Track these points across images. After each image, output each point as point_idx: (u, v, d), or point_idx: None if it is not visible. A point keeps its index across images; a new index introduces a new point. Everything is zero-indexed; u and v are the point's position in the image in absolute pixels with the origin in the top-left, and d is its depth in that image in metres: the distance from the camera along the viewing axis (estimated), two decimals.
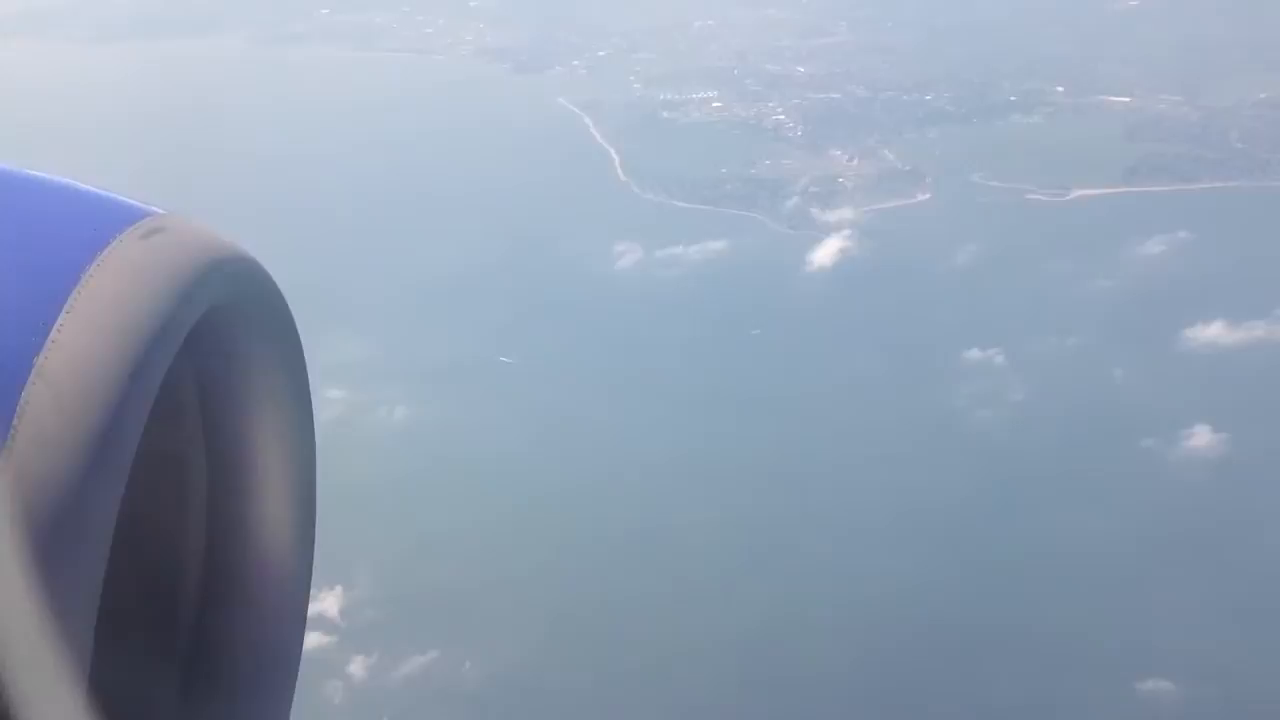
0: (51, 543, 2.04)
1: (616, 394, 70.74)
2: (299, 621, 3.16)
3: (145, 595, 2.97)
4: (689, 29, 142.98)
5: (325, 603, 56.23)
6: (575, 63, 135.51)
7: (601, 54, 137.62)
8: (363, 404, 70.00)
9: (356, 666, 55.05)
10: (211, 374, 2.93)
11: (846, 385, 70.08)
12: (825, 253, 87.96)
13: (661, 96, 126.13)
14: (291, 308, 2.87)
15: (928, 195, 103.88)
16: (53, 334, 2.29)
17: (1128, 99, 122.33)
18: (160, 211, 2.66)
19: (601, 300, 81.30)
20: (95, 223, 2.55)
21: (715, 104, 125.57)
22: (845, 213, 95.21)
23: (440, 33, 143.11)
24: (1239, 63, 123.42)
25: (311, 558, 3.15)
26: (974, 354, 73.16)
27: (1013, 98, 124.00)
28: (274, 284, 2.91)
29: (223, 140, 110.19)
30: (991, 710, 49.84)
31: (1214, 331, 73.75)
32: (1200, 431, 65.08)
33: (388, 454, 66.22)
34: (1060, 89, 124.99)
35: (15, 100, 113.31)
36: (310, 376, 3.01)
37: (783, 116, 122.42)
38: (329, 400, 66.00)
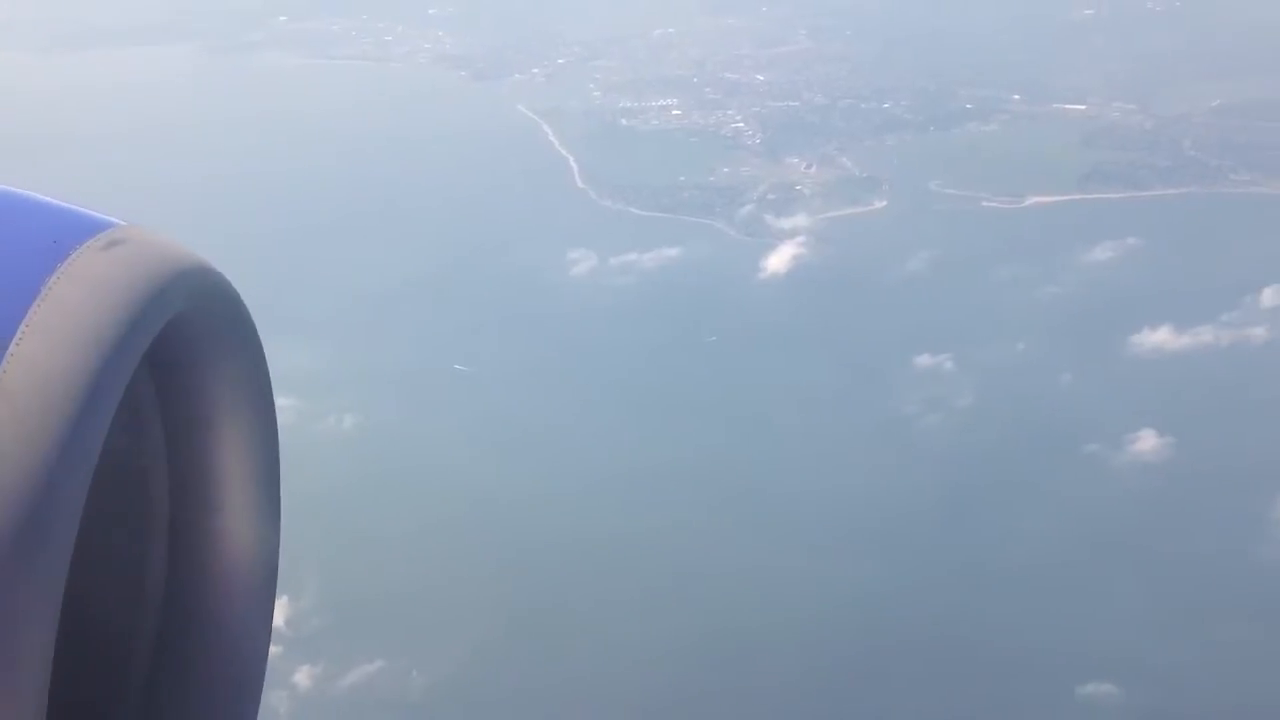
0: (11, 557, 2.00)
1: (568, 401, 70.71)
2: (264, 634, 3.12)
3: (107, 608, 2.93)
4: (648, 37, 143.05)
5: None
6: (534, 70, 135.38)
7: (561, 62, 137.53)
8: (312, 412, 69.63)
9: (302, 676, 54.72)
10: (173, 385, 2.89)
11: (797, 391, 70.23)
12: (779, 259, 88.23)
13: (620, 104, 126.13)
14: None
15: (884, 202, 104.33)
16: (11, 347, 2.26)
17: (1083, 107, 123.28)
18: (121, 223, 2.63)
19: (555, 308, 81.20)
20: (56, 234, 2.52)
21: (674, 112, 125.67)
22: (800, 220, 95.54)
23: (398, 40, 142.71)
24: (1192, 72, 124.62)
25: (276, 570, 3.11)
26: (924, 360, 73.49)
27: (969, 106, 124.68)
28: (236, 294, 2.90)
29: (175, 149, 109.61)
30: (934, 715, 49.91)
31: (1160, 337, 74.36)
32: (1145, 436, 65.55)
33: (336, 462, 65.88)
34: (1016, 97, 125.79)
35: None
36: None
37: (741, 124, 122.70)
38: (278, 408, 65.32)
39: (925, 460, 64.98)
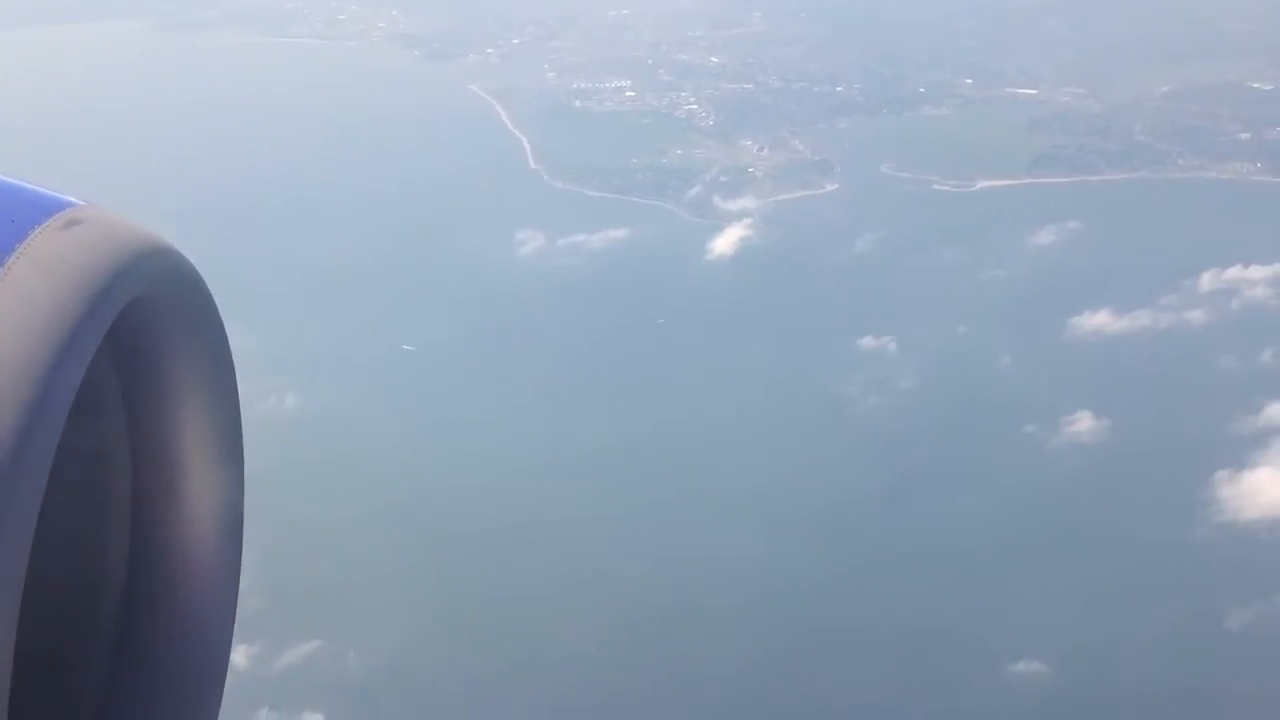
0: None
1: (509, 382, 70.60)
2: (227, 622, 3.07)
3: (67, 597, 2.87)
4: (604, 18, 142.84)
5: None
6: (489, 51, 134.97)
7: (516, 42, 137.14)
8: (254, 392, 69.20)
9: (239, 656, 54.53)
10: (134, 367, 2.83)
11: (739, 372, 70.43)
12: (725, 241, 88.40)
13: (575, 85, 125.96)
14: None
15: (836, 185, 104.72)
16: None
17: (1034, 92, 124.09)
18: (80, 202, 2.58)
19: (501, 288, 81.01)
20: (13, 214, 2.47)
21: (628, 93, 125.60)
22: (747, 202, 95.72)
23: (352, 19, 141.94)
24: (1143, 57, 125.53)
25: (240, 556, 3.05)
26: (867, 341, 73.87)
27: (922, 89, 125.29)
28: (198, 275, 2.84)
29: (123, 128, 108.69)
30: (866, 694, 50.26)
31: (1100, 320, 74.96)
32: (1081, 417, 66.13)
33: (276, 443, 65.53)
34: (969, 81, 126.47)
35: None
36: None
37: (695, 106, 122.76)
38: None
39: (864, 441, 65.33)
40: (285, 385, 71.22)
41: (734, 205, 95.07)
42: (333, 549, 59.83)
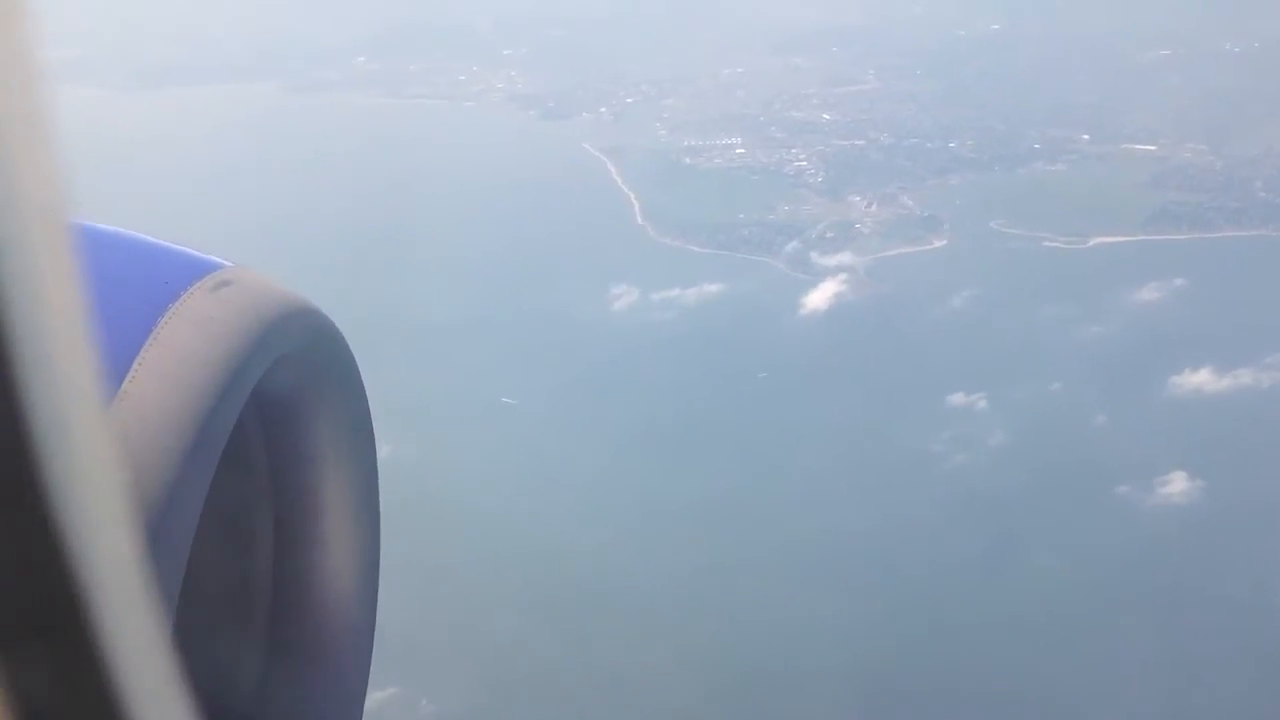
0: None
1: (591, 436, 71.24)
2: (363, 668, 3.19)
3: (213, 641, 2.97)
4: (717, 77, 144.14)
5: None
6: (602, 109, 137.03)
7: (629, 101, 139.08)
8: None
9: None
10: (278, 423, 2.96)
11: (826, 428, 70.18)
12: (820, 296, 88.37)
13: (685, 143, 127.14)
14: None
15: (944, 241, 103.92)
16: (125, 386, 2.34)
17: (1153, 147, 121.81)
18: (228, 264, 2.74)
19: (593, 343, 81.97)
20: (167, 276, 2.61)
21: (738, 150, 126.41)
22: (845, 257, 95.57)
23: (472, 79, 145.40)
24: (1266, 112, 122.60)
25: (375, 605, 3.17)
26: (958, 398, 73.04)
27: (1037, 145, 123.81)
28: (339, 334, 2.99)
29: (247, 187, 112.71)
30: None
31: (1200, 379, 73.19)
32: (1176, 478, 64.50)
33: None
34: (1086, 137, 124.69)
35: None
36: None
37: (804, 163, 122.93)
38: None
39: (949, 499, 64.56)
40: (382, 435, 72.65)
41: (831, 260, 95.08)
42: (421, 598, 60.75)
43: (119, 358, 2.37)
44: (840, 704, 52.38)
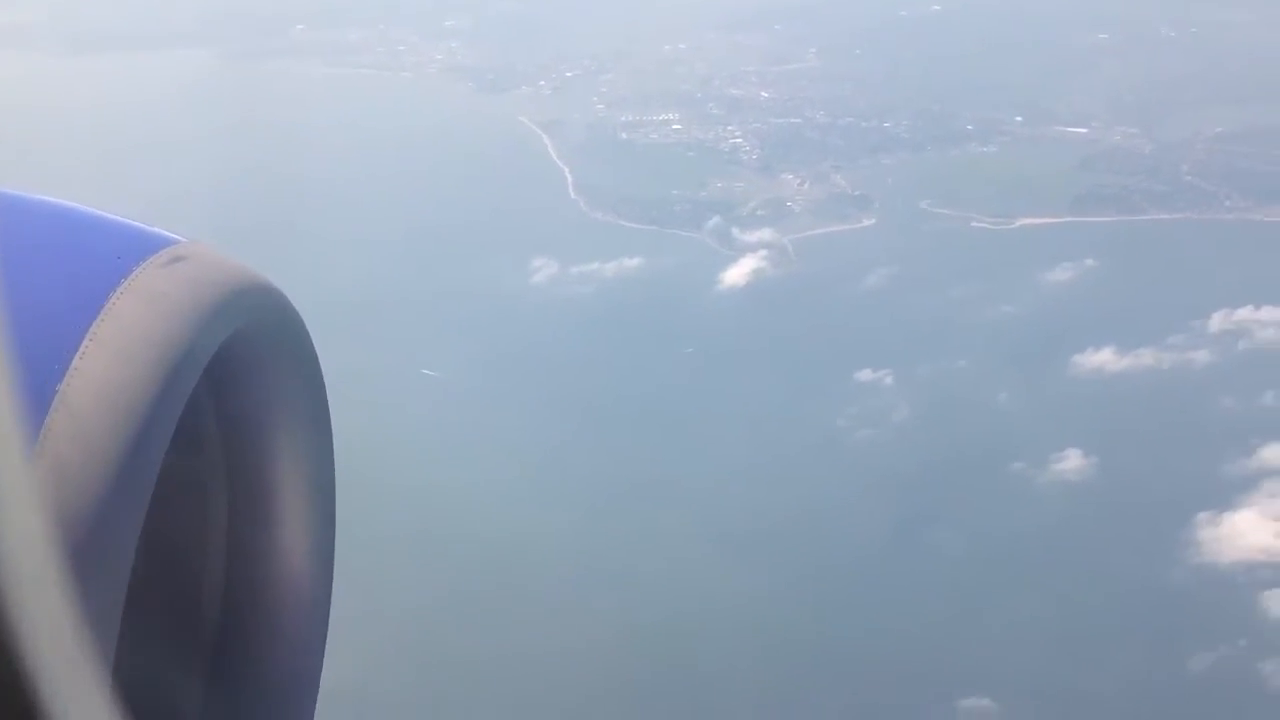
0: (71, 570, 1.89)
1: (494, 404, 71.45)
2: (318, 648, 3.15)
3: (165, 622, 2.95)
4: (659, 53, 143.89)
5: None
6: (541, 83, 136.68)
7: (568, 75, 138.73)
8: None
9: None
10: (232, 400, 2.93)
11: (731, 402, 70.67)
12: (738, 272, 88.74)
13: (622, 118, 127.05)
14: None
15: (873, 220, 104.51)
16: (75, 362, 2.31)
17: (1084, 130, 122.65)
18: (182, 240, 2.73)
19: (510, 315, 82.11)
20: (119, 251, 2.59)
21: (675, 126, 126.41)
22: (766, 233, 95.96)
23: (411, 50, 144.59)
24: (1200, 98, 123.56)
25: (330, 584, 3.15)
26: (865, 375, 73.67)
27: (970, 127, 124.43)
28: (294, 311, 2.99)
29: (179, 153, 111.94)
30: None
31: (1102, 358, 74.03)
32: (1070, 455, 65.35)
33: None
34: (1019, 119, 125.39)
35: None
36: None
37: (740, 140, 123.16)
38: None
39: (848, 474, 65.24)
40: None
41: (753, 236, 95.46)
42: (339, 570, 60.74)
43: (70, 333, 2.35)
44: (732, 675, 52.93)
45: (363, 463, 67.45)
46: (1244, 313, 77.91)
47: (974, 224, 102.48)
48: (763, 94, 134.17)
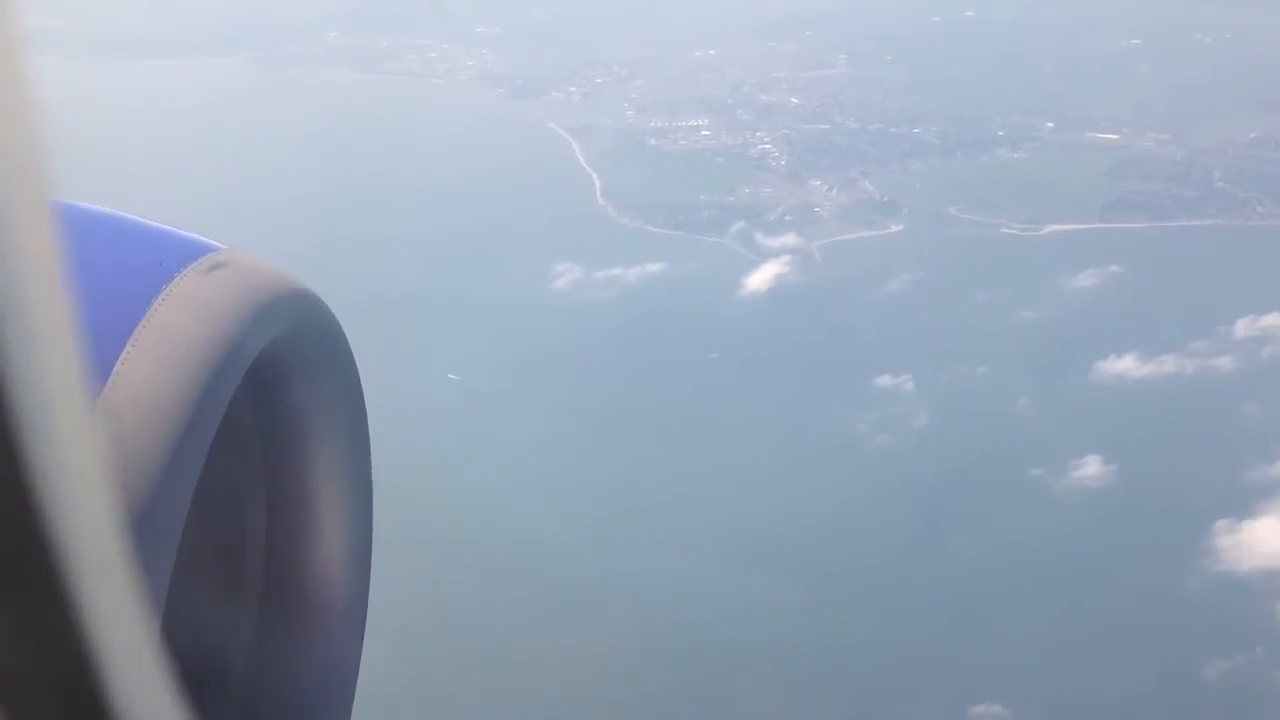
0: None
1: (515, 408, 71.68)
2: (355, 651, 3.18)
3: (204, 626, 2.96)
4: (689, 59, 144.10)
5: None
6: (571, 89, 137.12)
7: (599, 81, 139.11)
8: None
9: None
10: (272, 406, 2.95)
11: (751, 407, 70.70)
12: (761, 277, 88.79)
13: (652, 124, 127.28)
14: None
15: (901, 226, 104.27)
16: (117, 367, 2.34)
17: (1115, 136, 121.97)
18: (222, 246, 2.74)
19: (535, 319, 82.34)
20: (160, 258, 2.61)
21: (704, 132, 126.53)
22: (789, 238, 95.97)
23: (442, 57, 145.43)
24: (1232, 103, 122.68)
25: (367, 591, 3.18)
26: (885, 380, 73.59)
27: (1000, 133, 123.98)
28: (334, 318, 3.00)
29: (207, 161, 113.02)
30: None
31: (1125, 364, 73.72)
32: (1090, 462, 65.06)
33: None
34: (1050, 125, 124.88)
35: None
36: None
37: (769, 146, 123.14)
38: None
39: (867, 479, 65.14)
40: None
41: (776, 242, 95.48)
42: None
43: (112, 339, 2.37)
44: (744, 679, 52.96)
45: (389, 467, 67.91)
46: (1270, 319, 77.40)
47: (1003, 230, 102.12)
48: (792, 100, 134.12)
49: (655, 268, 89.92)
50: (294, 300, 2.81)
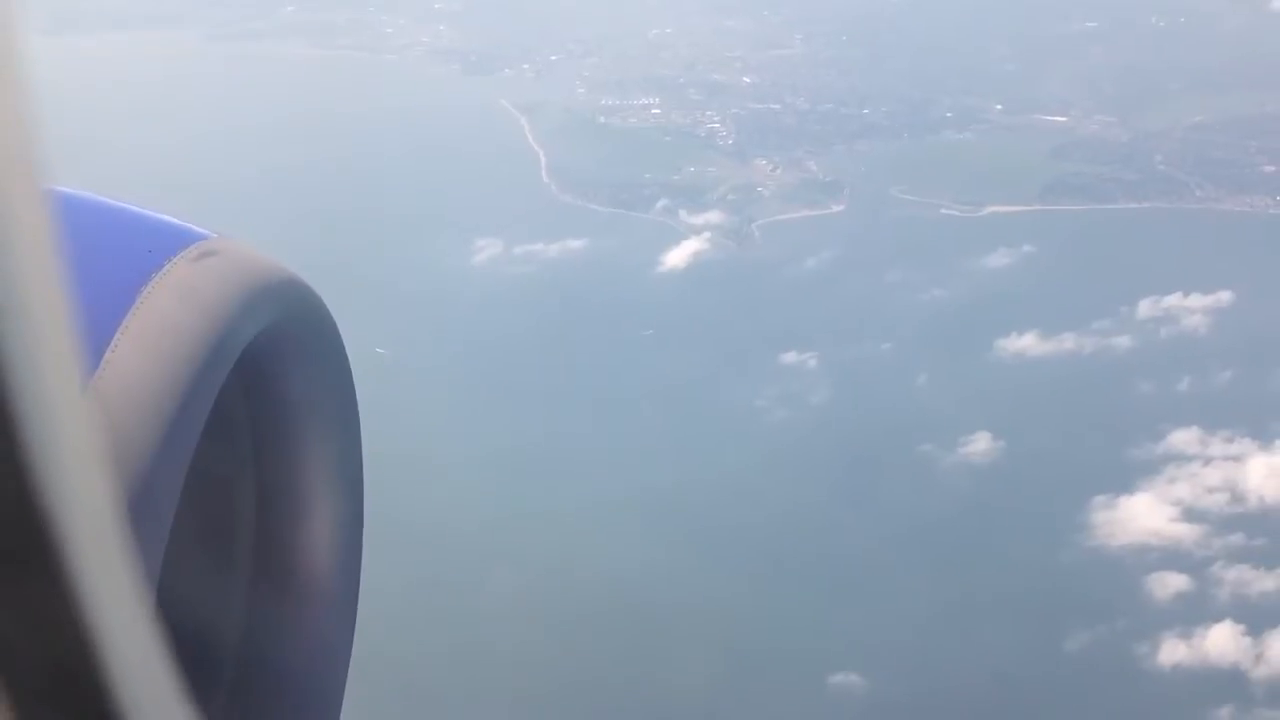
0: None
1: (415, 381, 72.05)
2: (346, 641, 3.18)
3: (193, 615, 2.92)
4: (645, 37, 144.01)
5: None
6: (525, 66, 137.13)
7: (553, 58, 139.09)
8: None
9: None
10: (262, 395, 2.93)
11: (653, 382, 71.20)
12: (680, 254, 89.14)
13: (603, 102, 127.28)
14: None
15: (842, 206, 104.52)
16: (107, 354, 2.33)
17: (1063, 118, 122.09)
18: (213, 235, 2.74)
19: (450, 294, 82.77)
20: (151, 245, 2.60)
21: (654, 111, 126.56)
22: (712, 216, 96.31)
23: (399, 33, 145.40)
24: (1183, 88, 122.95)
25: (358, 581, 3.18)
26: (789, 356, 74.08)
27: (949, 114, 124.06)
28: (324, 307, 3.01)
29: (158, 136, 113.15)
30: (685, 694, 50.77)
31: (1025, 342, 74.26)
32: (979, 438, 65.64)
33: None
34: (999, 107, 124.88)
35: None
36: None
37: (718, 125, 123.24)
38: None
39: (761, 454, 65.73)
40: None
41: (699, 219, 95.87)
42: None
43: (101, 327, 2.37)
44: (604, 643, 53.55)
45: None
46: (1173, 300, 77.88)
47: (942, 211, 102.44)
48: (745, 79, 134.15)
49: (576, 244, 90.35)
50: (285, 288, 2.82)
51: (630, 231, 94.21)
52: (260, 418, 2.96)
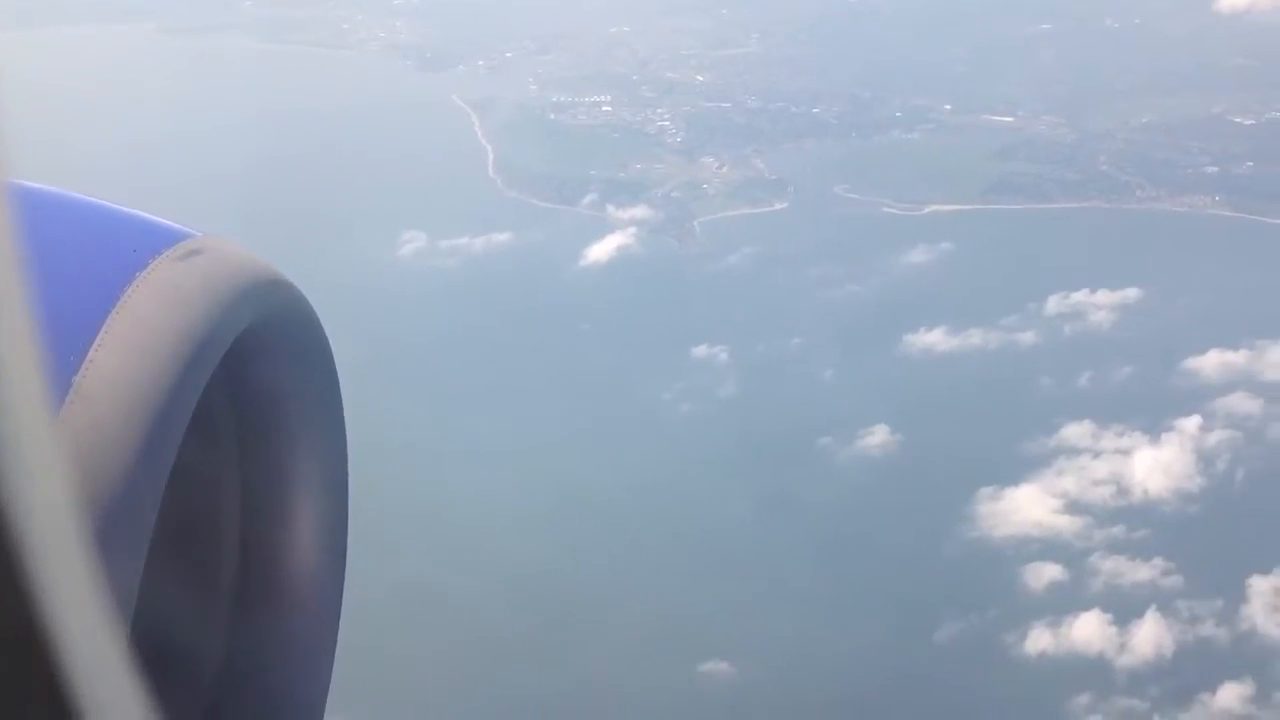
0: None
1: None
2: (330, 641, 3.16)
3: (176, 615, 2.92)
4: (602, 35, 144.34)
5: None
6: (480, 63, 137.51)
7: (508, 55, 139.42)
8: None
9: None
10: (246, 395, 2.93)
11: (562, 376, 71.59)
12: (603, 249, 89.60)
13: (554, 99, 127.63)
14: None
15: (784, 204, 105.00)
16: (91, 353, 2.31)
17: (1010, 119, 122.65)
18: (197, 234, 2.73)
19: (373, 287, 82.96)
20: (135, 244, 2.58)
21: (605, 108, 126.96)
22: (638, 211, 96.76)
23: (355, 28, 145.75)
24: (1133, 89, 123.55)
25: (343, 577, 3.16)
26: (700, 350, 74.56)
27: (898, 114, 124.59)
28: (309, 306, 3.00)
29: (112, 129, 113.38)
30: (550, 681, 51.19)
31: (933, 338, 74.77)
32: (878, 431, 66.10)
33: None
34: (948, 107, 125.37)
35: None
36: None
37: (668, 123, 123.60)
38: None
39: (663, 446, 66.15)
40: None
41: (626, 214, 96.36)
42: None
43: (85, 326, 2.35)
44: (491, 637, 53.86)
45: None
46: (1079, 296, 78.39)
47: (884, 209, 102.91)
48: (698, 78, 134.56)
49: (501, 237, 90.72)
50: (269, 287, 2.81)
51: (557, 225, 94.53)
52: (245, 416, 2.97)
